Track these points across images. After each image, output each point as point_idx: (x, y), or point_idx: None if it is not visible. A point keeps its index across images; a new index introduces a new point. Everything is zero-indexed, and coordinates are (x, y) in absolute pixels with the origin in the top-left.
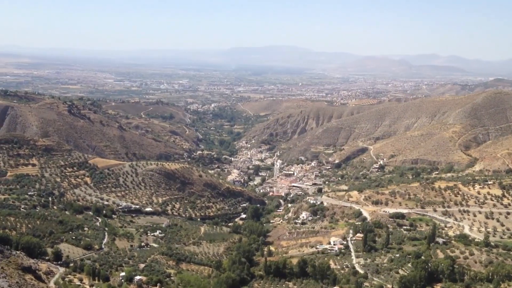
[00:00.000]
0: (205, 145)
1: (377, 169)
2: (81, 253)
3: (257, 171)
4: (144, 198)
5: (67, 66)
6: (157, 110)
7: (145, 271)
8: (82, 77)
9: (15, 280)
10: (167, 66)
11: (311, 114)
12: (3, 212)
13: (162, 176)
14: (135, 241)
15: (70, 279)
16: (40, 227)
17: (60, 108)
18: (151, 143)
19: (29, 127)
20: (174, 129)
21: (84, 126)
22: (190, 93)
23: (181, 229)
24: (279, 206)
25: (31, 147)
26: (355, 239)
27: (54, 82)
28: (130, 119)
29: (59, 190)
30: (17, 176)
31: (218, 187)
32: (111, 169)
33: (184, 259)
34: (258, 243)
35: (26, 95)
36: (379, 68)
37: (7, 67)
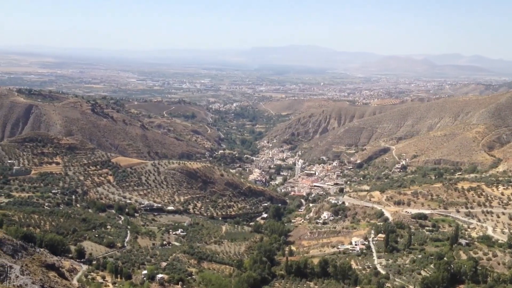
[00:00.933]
0: (226, 145)
1: (399, 169)
2: (104, 251)
3: (278, 171)
4: (166, 197)
5: (91, 66)
6: (179, 109)
7: (167, 270)
8: (105, 77)
9: (38, 277)
10: (189, 65)
11: (333, 114)
12: (27, 210)
13: (184, 175)
14: (157, 240)
15: (93, 276)
16: (63, 225)
17: (83, 107)
18: (173, 142)
19: (53, 126)
20: (196, 128)
21: (107, 125)
22: (212, 92)
23: (202, 228)
24: (300, 206)
25: (55, 145)
26: (377, 240)
27: (77, 82)
28: (152, 118)
29: (82, 189)
30: (41, 174)
31: (240, 186)
32: (133, 168)
33: (206, 258)
34: (279, 242)
35: (50, 94)
36: (401, 67)
37: (32, 67)
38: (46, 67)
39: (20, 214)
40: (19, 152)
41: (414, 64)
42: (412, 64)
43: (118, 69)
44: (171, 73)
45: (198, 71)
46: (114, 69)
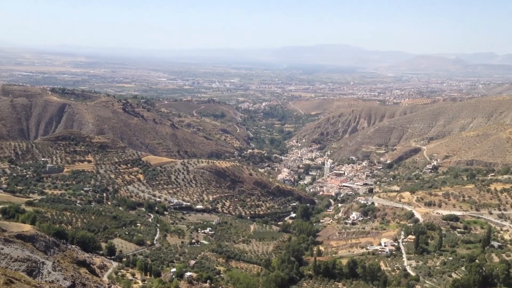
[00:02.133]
0: (255, 144)
1: (430, 170)
2: (134, 248)
3: (307, 170)
4: (195, 196)
5: (122, 65)
6: (209, 108)
7: (196, 268)
8: (137, 76)
9: (70, 274)
10: (219, 65)
11: (363, 114)
12: (60, 207)
13: (213, 174)
14: (186, 238)
15: (123, 273)
16: (94, 222)
17: (115, 106)
18: (202, 141)
19: (85, 125)
20: (225, 127)
21: (137, 124)
22: (241, 91)
23: (231, 227)
24: (329, 206)
25: (87, 144)
26: (407, 241)
27: (109, 81)
28: (182, 117)
29: (113, 186)
30: (73, 172)
31: (268, 185)
32: (163, 167)
33: (234, 256)
34: (307, 242)
35: (83, 93)
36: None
37: (65, 66)
38: (79, 66)
39: (52, 211)
40: (53, 150)
41: (446, 63)
42: (444, 63)
43: (149, 68)
44: (201, 73)
45: (228, 71)
46: (145, 69)
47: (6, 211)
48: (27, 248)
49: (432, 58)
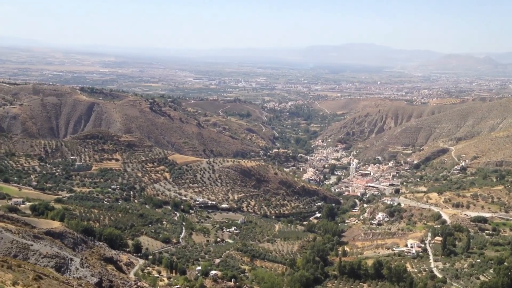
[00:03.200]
0: (281, 143)
1: (458, 170)
2: (160, 246)
3: (332, 170)
4: (220, 195)
5: (150, 65)
6: (235, 108)
7: (221, 266)
8: (164, 75)
9: (97, 270)
10: (245, 64)
11: (390, 113)
12: (88, 205)
13: (238, 173)
14: (211, 236)
15: (149, 271)
16: (121, 220)
17: (142, 105)
18: (228, 140)
19: (113, 123)
20: (251, 127)
21: (164, 123)
22: (267, 91)
23: (256, 226)
24: (354, 206)
25: (115, 142)
26: (434, 243)
27: (137, 80)
28: (208, 117)
29: (140, 185)
30: (101, 170)
31: (293, 185)
32: (189, 165)
33: (259, 256)
34: (332, 242)
35: (111, 93)
36: (462, 66)
37: (94, 66)
38: (107, 66)
39: (81, 209)
40: (81, 148)
41: (475, 62)
42: (473, 62)
43: (176, 68)
44: (227, 72)
45: (254, 70)
46: (172, 68)
47: (36, 208)
48: (56, 245)
49: (461, 57)
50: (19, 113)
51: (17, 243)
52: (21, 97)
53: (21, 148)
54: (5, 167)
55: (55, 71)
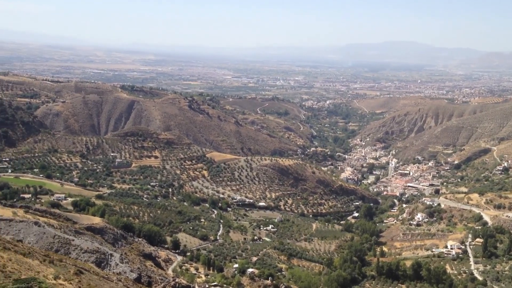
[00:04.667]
0: (319, 142)
1: (500, 171)
2: (198, 243)
3: (371, 170)
4: (257, 193)
5: (189, 63)
6: (273, 106)
7: (257, 264)
8: (203, 74)
9: (136, 266)
10: (283, 62)
11: (430, 112)
12: (128, 201)
13: (276, 171)
14: (248, 234)
15: (187, 267)
16: (160, 217)
17: (181, 103)
18: (266, 138)
19: (153, 121)
20: (289, 125)
21: (203, 120)
22: (305, 89)
23: (293, 224)
24: (393, 206)
25: (154, 140)
26: (474, 244)
27: (176, 78)
28: (246, 115)
29: (179, 182)
30: (141, 167)
31: (331, 184)
32: (227, 163)
33: (296, 254)
34: (370, 242)
35: (151, 91)
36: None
37: (135, 64)
38: (147, 64)
39: (121, 205)
40: (121, 145)
41: None
42: None
43: (215, 66)
44: (266, 70)
45: (292, 68)
46: (211, 67)
47: (78, 204)
48: (96, 240)
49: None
50: (61, 111)
51: (59, 238)
52: (63, 95)
53: (64, 144)
54: (48, 164)
55: (96, 69)
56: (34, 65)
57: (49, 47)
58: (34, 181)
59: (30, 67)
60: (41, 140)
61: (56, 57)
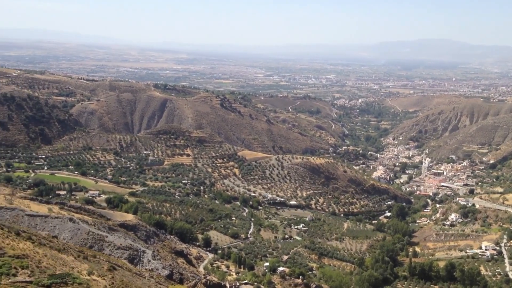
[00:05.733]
0: (350, 141)
1: None
2: (229, 241)
3: (403, 169)
4: (288, 191)
5: (221, 62)
6: (304, 104)
7: (288, 263)
8: (234, 72)
9: (168, 263)
10: (315, 61)
11: (465, 111)
12: (160, 198)
13: (307, 170)
14: (279, 233)
15: (218, 265)
16: (192, 214)
17: (213, 101)
18: (297, 137)
19: (185, 119)
20: (320, 123)
21: (234, 119)
22: (337, 88)
23: (324, 223)
24: (426, 206)
25: (186, 138)
26: (510, 245)
27: (208, 77)
28: (277, 113)
29: (210, 180)
30: (173, 165)
31: (363, 183)
32: (258, 162)
33: (327, 253)
34: (402, 242)
35: (183, 89)
36: None
37: (167, 63)
38: (180, 63)
39: (153, 202)
40: (154, 143)
41: None
42: None
43: (247, 64)
44: (298, 69)
45: (324, 67)
46: (242, 65)
47: (111, 201)
48: (129, 237)
49: None
50: (96, 109)
51: (93, 235)
52: (98, 93)
53: (98, 142)
54: (82, 161)
55: (130, 68)
56: (70, 64)
57: (84, 46)
58: (69, 178)
59: (66, 66)
60: (76, 138)
61: (91, 56)
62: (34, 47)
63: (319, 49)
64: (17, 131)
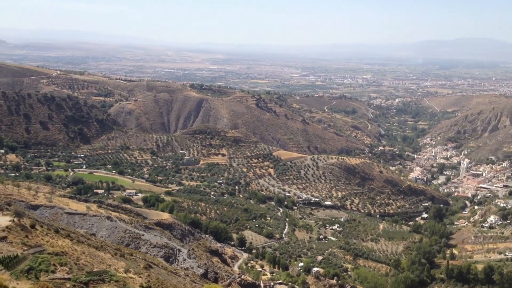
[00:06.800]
0: (387, 141)
1: None
2: (263, 241)
3: (441, 170)
4: (323, 192)
5: (256, 62)
6: (340, 104)
7: (323, 264)
8: (270, 72)
9: (203, 262)
10: (351, 60)
11: (505, 111)
12: (195, 198)
13: (342, 170)
14: (313, 233)
15: (252, 265)
16: (227, 214)
17: (248, 101)
18: (332, 137)
19: (221, 119)
20: (356, 124)
21: (269, 119)
22: (374, 87)
23: (359, 224)
24: (464, 208)
25: (222, 138)
26: None
27: (244, 77)
28: (313, 113)
29: (245, 180)
30: (208, 165)
31: (399, 184)
32: (293, 162)
33: (362, 255)
34: (440, 244)
35: (219, 89)
36: None
37: (204, 63)
38: (216, 63)
39: (189, 201)
40: (190, 143)
41: None
42: None
43: (282, 64)
44: (333, 68)
45: (361, 66)
46: (278, 65)
47: (148, 199)
48: (165, 236)
49: None
50: (133, 109)
51: (129, 233)
52: (135, 93)
53: (135, 142)
54: (120, 160)
55: (167, 68)
56: (108, 65)
57: (123, 47)
58: (107, 177)
59: (105, 66)
60: (114, 138)
61: (129, 56)
62: (73, 48)
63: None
64: (57, 131)
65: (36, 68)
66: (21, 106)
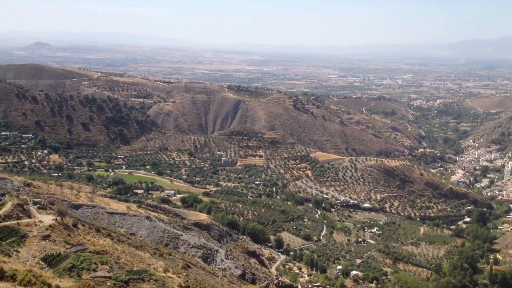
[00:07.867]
0: (427, 143)
1: None
2: (301, 243)
3: (484, 173)
4: (362, 194)
5: (293, 63)
6: (379, 105)
7: (361, 267)
8: (307, 73)
9: (241, 263)
10: (391, 61)
11: None
12: (233, 199)
13: (381, 172)
14: (352, 236)
15: (290, 267)
16: (264, 215)
17: (286, 102)
18: (371, 139)
19: (258, 121)
20: (396, 125)
21: (307, 120)
22: (414, 88)
23: (399, 227)
24: (508, 212)
25: (259, 139)
26: None
27: (281, 78)
28: (351, 115)
29: (283, 181)
30: (245, 166)
31: (440, 187)
32: (331, 163)
33: (402, 258)
34: (483, 249)
35: (256, 90)
36: None
37: (241, 64)
38: (253, 64)
39: (226, 202)
40: (227, 144)
41: None
42: None
43: (320, 65)
44: (372, 69)
45: (400, 67)
46: (315, 66)
47: (186, 200)
48: (203, 236)
49: None
50: (172, 110)
51: (168, 233)
52: (174, 95)
53: (173, 143)
54: (159, 161)
55: (205, 70)
56: (147, 67)
57: (161, 49)
58: (146, 178)
59: (144, 68)
60: (153, 139)
61: (168, 58)
62: (113, 50)
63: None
64: (98, 132)
65: (78, 70)
66: (64, 108)
